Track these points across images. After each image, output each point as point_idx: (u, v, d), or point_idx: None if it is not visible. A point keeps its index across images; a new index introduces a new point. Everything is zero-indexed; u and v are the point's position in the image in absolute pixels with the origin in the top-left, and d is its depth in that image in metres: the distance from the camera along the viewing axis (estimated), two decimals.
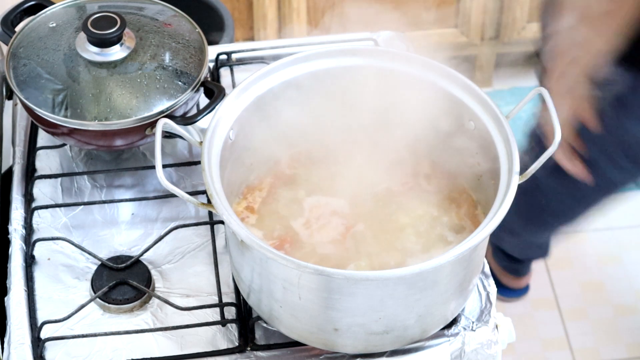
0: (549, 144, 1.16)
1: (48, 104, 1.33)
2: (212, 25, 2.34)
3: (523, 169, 1.18)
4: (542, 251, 2.20)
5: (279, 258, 1.10)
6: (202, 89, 1.38)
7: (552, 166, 1.75)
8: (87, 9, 1.44)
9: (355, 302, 1.13)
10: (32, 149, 1.46)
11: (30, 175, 1.43)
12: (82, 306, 1.27)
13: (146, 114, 1.33)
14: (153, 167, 1.41)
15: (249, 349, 1.24)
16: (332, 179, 1.32)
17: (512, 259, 2.24)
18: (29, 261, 1.33)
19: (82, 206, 1.40)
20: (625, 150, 1.69)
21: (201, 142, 1.20)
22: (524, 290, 2.35)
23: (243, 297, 1.26)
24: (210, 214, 1.38)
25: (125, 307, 1.29)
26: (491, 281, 1.31)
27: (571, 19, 1.36)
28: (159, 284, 1.32)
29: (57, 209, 1.39)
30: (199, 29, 1.43)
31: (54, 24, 1.41)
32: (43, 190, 1.41)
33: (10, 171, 1.45)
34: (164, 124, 1.21)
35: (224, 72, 1.57)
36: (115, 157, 1.46)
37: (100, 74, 1.35)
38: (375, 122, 1.35)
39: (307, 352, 1.23)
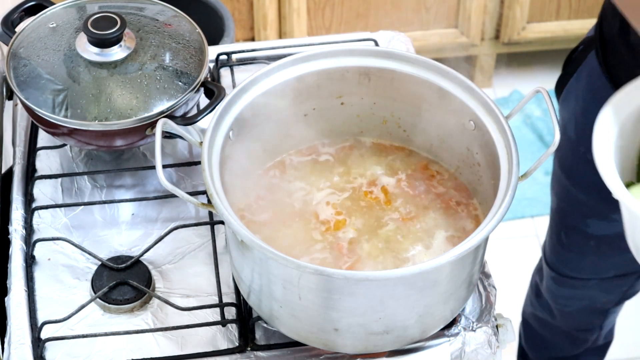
0: None
1: (48, 104, 1.33)
2: (213, 26, 2.34)
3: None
4: None
5: (279, 258, 1.10)
6: (202, 89, 1.38)
7: None
8: (88, 9, 1.44)
9: (356, 302, 1.13)
10: (32, 149, 1.46)
11: (30, 175, 1.43)
12: (83, 306, 1.27)
13: (146, 114, 1.33)
14: (153, 167, 1.41)
15: (249, 349, 1.24)
16: (333, 178, 1.32)
17: None
18: (29, 261, 1.33)
19: (82, 206, 1.40)
20: None
21: (201, 142, 1.20)
22: None
23: (243, 297, 1.26)
24: (211, 214, 1.38)
25: (125, 307, 1.29)
26: (491, 281, 1.31)
27: None
28: (159, 284, 1.32)
29: (58, 209, 1.39)
30: (199, 29, 1.43)
31: (54, 24, 1.41)
32: (43, 191, 1.42)
33: (10, 171, 1.45)
34: (164, 124, 1.21)
35: (224, 73, 1.57)
36: (116, 158, 1.46)
37: (100, 74, 1.35)
38: (375, 122, 1.35)
39: (307, 352, 1.23)
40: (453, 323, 1.26)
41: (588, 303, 1.83)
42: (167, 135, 1.33)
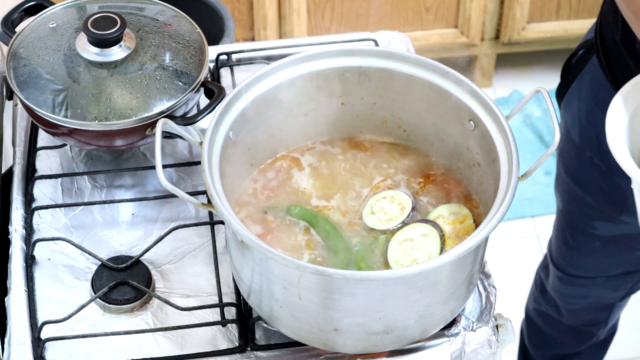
0: None
1: (48, 104, 1.33)
2: (213, 26, 2.34)
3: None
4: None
5: (279, 258, 1.10)
6: (202, 89, 1.38)
7: None
8: (88, 9, 1.44)
9: (356, 302, 1.13)
10: (32, 149, 1.46)
11: (30, 175, 1.43)
12: (83, 306, 1.27)
13: (146, 114, 1.33)
14: (153, 167, 1.41)
15: (249, 349, 1.24)
16: (332, 179, 1.32)
17: None
18: (30, 261, 1.33)
19: (82, 206, 1.40)
20: None
21: (201, 142, 1.20)
22: None
23: (243, 297, 1.26)
24: (211, 214, 1.38)
25: (125, 308, 1.29)
26: (491, 281, 1.31)
27: None
28: (159, 284, 1.32)
29: (58, 209, 1.39)
30: (199, 29, 1.43)
31: (54, 24, 1.41)
32: (43, 191, 1.42)
33: (10, 171, 1.45)
34: (164, 124, 1.21)
35: (224, 73, 1.57)
36: (116, 158, 1.46)
37: (100, 74, 1.35)
38: (375, 122, 1.35)
39: (307, 352, 1.23)
40: (453, 323, 1.26)
41: (594, 300, 1.83)
42: (167, 135, 1.33)
